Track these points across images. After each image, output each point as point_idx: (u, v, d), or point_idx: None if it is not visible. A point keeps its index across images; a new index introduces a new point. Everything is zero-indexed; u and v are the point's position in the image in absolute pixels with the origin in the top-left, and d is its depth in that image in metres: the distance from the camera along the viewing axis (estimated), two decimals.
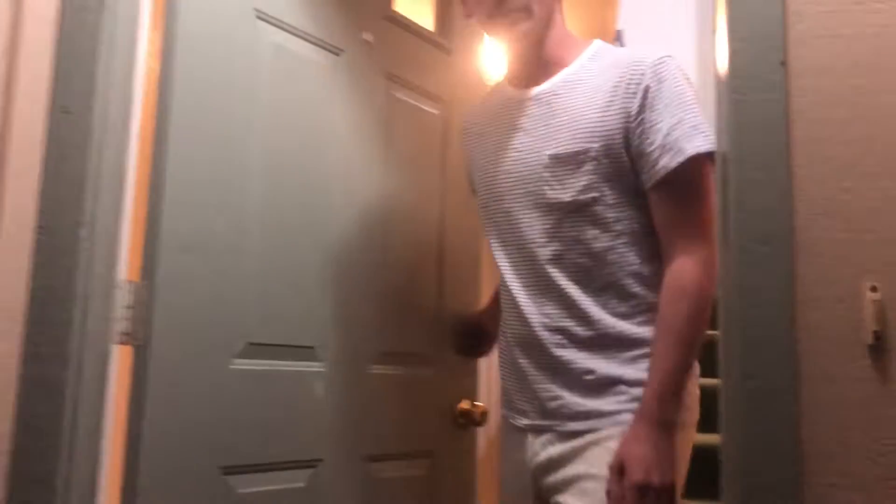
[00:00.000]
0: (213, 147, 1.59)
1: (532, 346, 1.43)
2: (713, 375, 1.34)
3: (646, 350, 1.36)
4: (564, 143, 1.39)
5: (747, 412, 1.24)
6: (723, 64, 1.36)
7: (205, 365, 1.55)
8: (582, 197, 1.38)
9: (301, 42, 1.79)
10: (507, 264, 1.48)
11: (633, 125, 1.36)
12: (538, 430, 1.43)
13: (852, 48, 1.31)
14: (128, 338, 1.47)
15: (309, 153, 1.78)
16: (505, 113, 1.53)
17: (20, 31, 1.40)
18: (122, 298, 1.47)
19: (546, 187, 1.41)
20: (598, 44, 1.47)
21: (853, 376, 1.23)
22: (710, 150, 1.33)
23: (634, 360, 1.38)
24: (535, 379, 1.43)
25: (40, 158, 1.43)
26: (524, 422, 1.47)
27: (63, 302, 1.39)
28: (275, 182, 1.70)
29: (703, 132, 1.35)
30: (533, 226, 1.43)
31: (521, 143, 1.47)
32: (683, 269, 1.33)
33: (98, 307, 1.43)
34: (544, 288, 1.42)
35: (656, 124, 1.35)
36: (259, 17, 1.70)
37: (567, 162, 1.39)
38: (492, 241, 1.54)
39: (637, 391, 1.35)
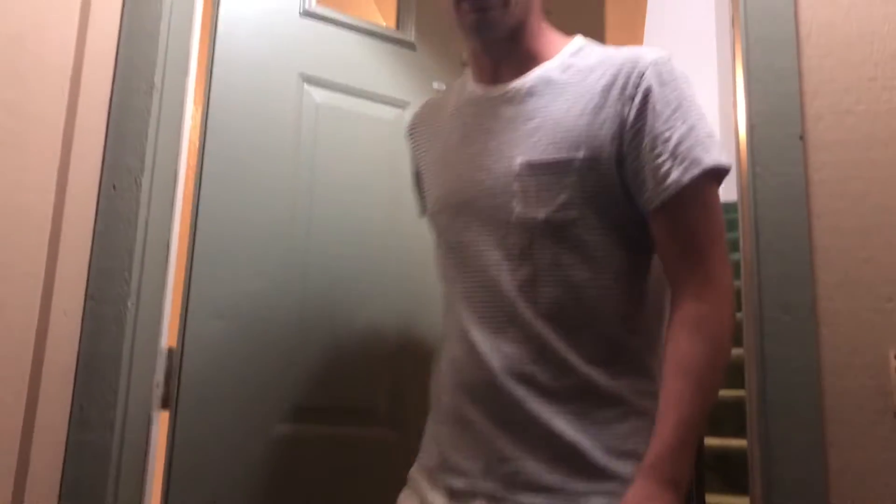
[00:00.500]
0: (244, 213, 1.67)
1: (486, 394, 1.15)
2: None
3: (624, 409, 1.12)
4: (541, 150, 1.14)
5: (775, 478, 1.26)
6: (743, 138, 1.42)
7: (236, 429, 1.60)
8: (559, 216, 1.12)
9: (356, 100, 1.89)
10: (459, 292, 1.20)
11: (629, 135, 1.11)
12: (477, 496, 1.12)
13: (867, 123, 1.36)
14: (165, 403, 1.54)
15: (356, 214, 1.85)
16: (466, 112, 1.26)
17: (76, 113, 1.49)
18: (163, 365, 1.54)
19: (515, 201, 1.14)
20: (580, 39, 1.24)
21: (880, 443, 1.25)
22: (729, 166, 1.13)
23: (609, 422, 1.11)
24: (487, 434, 1.14)
25: (91, 232, 1.51)
26: (459, 484, 1.15)
27: (110, 369, 1.45)
28: (312, 246, 1.77)
29: (718, 143, 1.14)
30: (497, 247, 1.16)
31: (486, 147, 1.20)
32: (704, 304, 1.10)
33: (142, 374, 1.49)
34: (507, 323, 1.14)
35: (663, 133, 1.10)
36: (306, 81, 1.80)
37: (544, 172, 1.13)
38: (442, 263, 1.26)
39: (614, 467, 1.08)
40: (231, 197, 1.66)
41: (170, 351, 1.57)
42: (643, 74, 1.11)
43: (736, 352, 1.17)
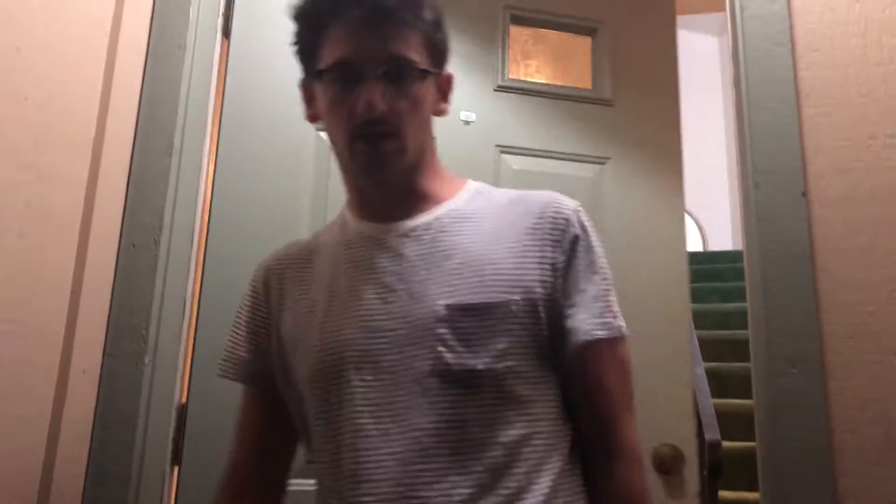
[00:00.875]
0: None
1: None
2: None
3: None
4: (470, 292, 1.00)
5: None
6: (748, 195, 1.45)
7: None
8: (499, 365, 0.98)
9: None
10: (353, 466, 0.97)
11: (559, 279, 1.03)
12: None
13: (869, 179, 1.40)
14: (175, 458, 1.57)
15: None
16: (356, 253, 1.09)
17: (97, 174, 1.54)
18: (174, 421, 1.56)
19: (444, 349, 0.98)
20: (474, 182, 1.15)
21: (892, 497, 1.26)
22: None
23: None
24: None
25: (110, 290, 1.54)
26: None
27: (126, 425, 1.47)
28: None
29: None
30: (419, 408, 0.97)
31: (392, 291, 1.03)
32: (633, 470, 1.03)
33: (157, 430, 1.51)
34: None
35: (592, 277, 1.05)
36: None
37: (476, 316, 0.99)
38: (327, 435, 1.02)
39: None
40: (230, 250, 1.69)
41: (180, 407, 1.59)
42: (569, 220, 1.06)
43: (747, 404, 1.18)
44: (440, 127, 1.12)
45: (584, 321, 1.02)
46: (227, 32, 1.82)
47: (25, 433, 1.35)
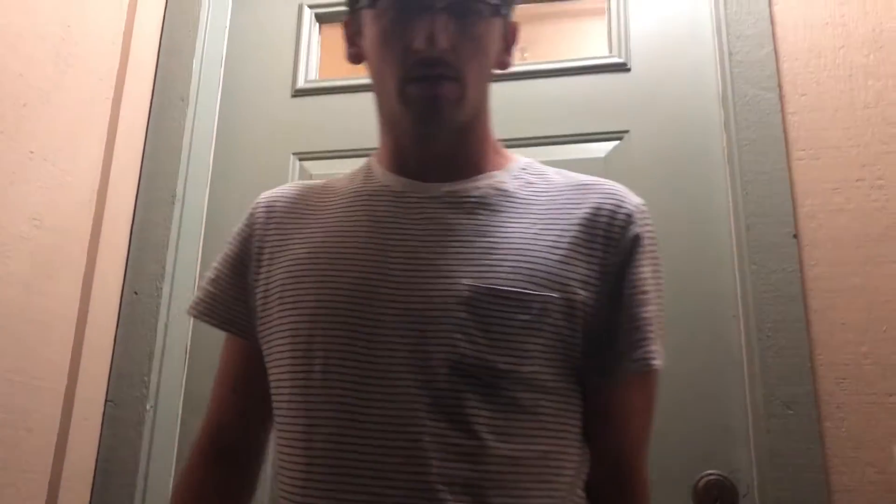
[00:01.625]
0: None
1: None
2: None
3: None
4: (500, 278, 0.83)
5: None
6: (740, 236, 1.47)
7: None
8: (524, 368, 0.82)
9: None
10: (327, 453, 0.81)
11: (609, 284, 0.87)
12: None
13: (858, 221, 1.41)
14: None
15: None
16: (378, 205, 0.92)
17: (102, 224, 1.57)
18: (174, 466, 1.57)
19: (460, 336, 0.81)
20: (524, 157, 1.00)
21: None
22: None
23: None
24: None
25: (113, 337, 1.56)
26: None
27: (127, 473, 1.49)
28: None
29: None
30: (416, 401, 0.80)
31: (415, 257, 0.86)
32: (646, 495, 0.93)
33: (158, 477, 1.52)
34: None
35: (647, 292, 0.89)
36: None
37: (503, 307, 0.82)
38: (296, 410, 0.85)
39: None
40: None
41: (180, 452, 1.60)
42: (631, 217, 0.90)
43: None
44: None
45: (634, 346, 0.87)
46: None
47: (25, 479, 1.37)
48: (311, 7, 1.87)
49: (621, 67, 1.69)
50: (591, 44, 1.95)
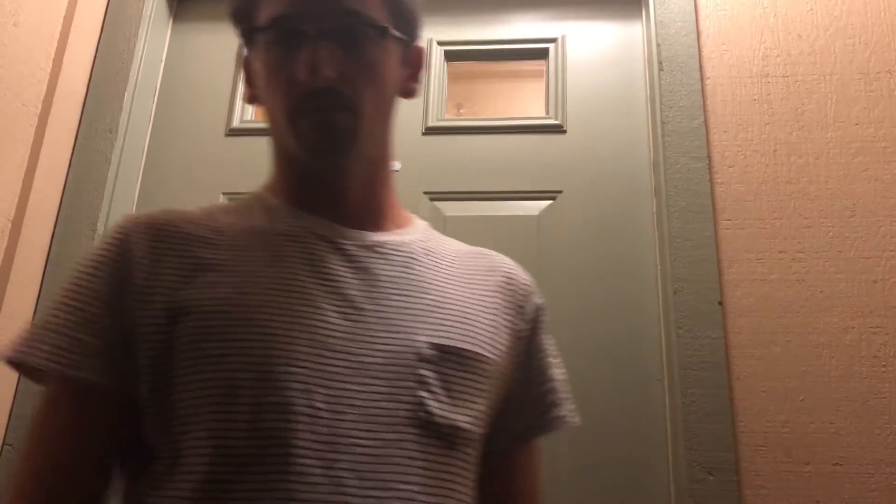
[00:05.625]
0: None
1: None
2: None
3: None
4: (457, 337, 0.80)
5: None
6: (667, 300, 1.49)
7: None
8: (477, 429, 0.79)
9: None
10: None
11: (521, 349, 0.88)
12: None
13: (780, 291, 1.45)
14: None
15: None
16: (309, 248, 0.82)
17: (14, 255, 1.49)
18: None
19: (426, 395, 0.75)
20: (417, 217, 0.96)
21: None
22: None
23: None
24: None
25: (15, 380, 1.47)
26: None
27: None
28: None
29: None
30: (393, 463, 0.72)
31: (361, 309, 0.78)
32: None
33: None
34: None
35: (551, 362, 0.91)
36: None
37: (457, 367, 0.78)
38: (231, 474, 0.68)
39: None
40: None
41: None
42: (532, 287, 0.92)
43: None
44: None
45: (549, 407, 0.89)
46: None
47: None
48: None
49: (557, 129, 1.72)
50: (528, 104, 1.99)
